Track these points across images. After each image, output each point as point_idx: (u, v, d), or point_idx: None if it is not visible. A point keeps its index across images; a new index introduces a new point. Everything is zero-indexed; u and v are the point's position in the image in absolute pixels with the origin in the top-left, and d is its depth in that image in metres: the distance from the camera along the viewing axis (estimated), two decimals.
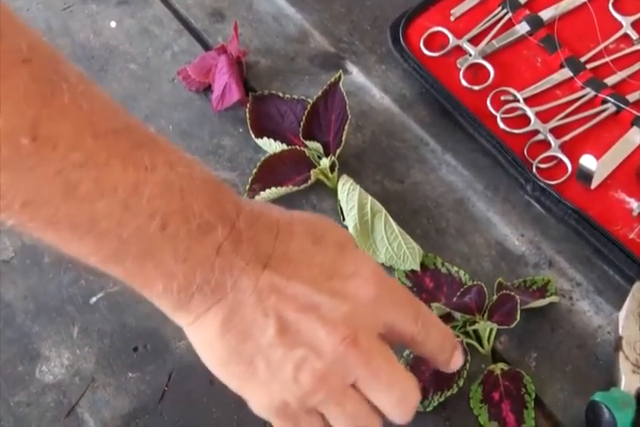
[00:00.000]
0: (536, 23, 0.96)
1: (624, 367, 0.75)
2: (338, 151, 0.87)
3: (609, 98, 0.90)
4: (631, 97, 0.90)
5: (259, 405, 0.61)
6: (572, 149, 0.88)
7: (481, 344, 0.79)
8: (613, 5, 0.97)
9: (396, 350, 0.72)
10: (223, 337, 0.58)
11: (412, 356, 0.77)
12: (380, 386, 0.60)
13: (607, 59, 0.93)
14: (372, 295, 0.60)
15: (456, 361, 0.67)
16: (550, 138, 0.88)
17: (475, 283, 0.81)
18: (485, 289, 0.79)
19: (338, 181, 0.87)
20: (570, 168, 0.87)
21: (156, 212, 0.53)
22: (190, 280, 0.55)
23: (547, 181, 0.86)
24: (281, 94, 0.93)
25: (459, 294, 0.81)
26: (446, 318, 0.80)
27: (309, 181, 0.86)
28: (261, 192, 0.85)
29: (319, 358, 0.58)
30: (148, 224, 0.53)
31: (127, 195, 0.51)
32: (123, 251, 0.53)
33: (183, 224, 0.54)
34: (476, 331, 0.79)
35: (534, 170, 0.87)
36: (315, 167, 0.87)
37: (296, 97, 0.93)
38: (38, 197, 0.49)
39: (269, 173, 0.87)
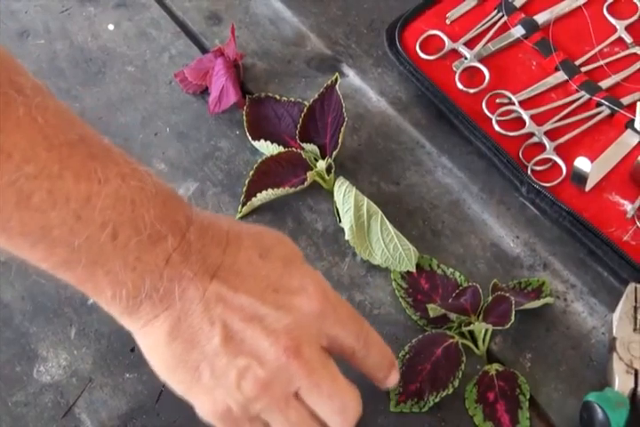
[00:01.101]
0: (531, 27, 0.96)
1: (618, 368, 0.75)
2: (334, 153, 0.88)
3: (603, 101, 0.91)
4: (625, 100, 0.91)
5: (203, 410, 0.63)
6: (567, 152, 0.89)
7: (476, 345, 0.79)
8: (608, 9, 0.97)
9: (392, 351, 0.72)
10: (170, 344, 0.60)
11: (407, 356, 0.78)
12: (322, 396, 0.62)
13: (602, 62, 0.94)
14: (316, 310, 0.63)
15: (392, 379, 0.70)
16: (545, 140, 0.89)
17: (470, 284, 0.81)
18: (480, 290, 0.80)
19: (334, 182, 0.87)
20: (564, 170, 0.88)
21: (107, 222, 0.54)
22: (139, 288, 0.57)
23: (541, 184, 0.86)
24: (277, 97, 0.93)
25: (454, 295, 0.82)
26: (442, 318, 0.80)
27: (306, 183, 0.87)
28: (258, 194, 0.86)
29: (262, 366, 0.60)
30: (99, 234, 0.54)
31: (79, 206, 0.53)
32: (73, 259, 0.55)
33: (134, 234, 0.55)
34: (471, 332, 0.79)
35: (529, 172, 0.87)
36: (311, 169, 0.87)
37: (293, 99, 0.93)
38: None
39: (266, 175, 0.88)
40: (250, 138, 0.91)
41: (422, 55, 0.95)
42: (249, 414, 0.62)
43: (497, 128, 0.90)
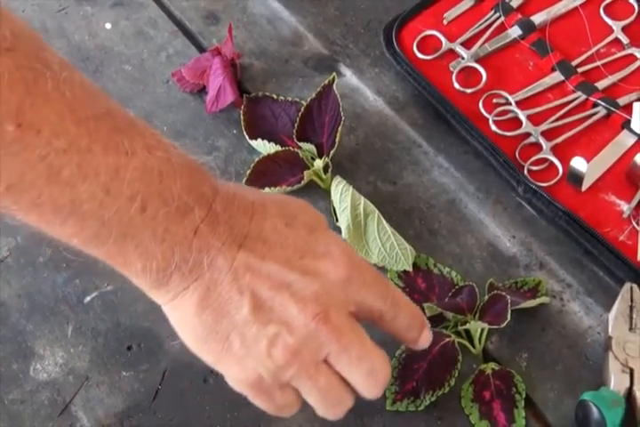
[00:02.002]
0: (528, 27, 0.96)
1: (613, 367, 0.76)
2: (331, 153, 0.88)
3: (600, 101, 0.91)
4: (621, 100, 0.91)
5: (234, 379, 0.63)
6: (563, 152, 0.89)
7: (472, 344, 0.79)
8: (604, 10, 0.98)
9: (389, 351, 0.72)
10: (200, 315, 0.60)
11: (404, 355, 0.78)
12: (351, 360, 0.62)
13: (598, 63, 0.94)
14: (343, 275, 0.63)
15: (424, 339, 0.69)
16: (542, 140, 0.89)
17: (466, 283, 0.82)
18: (477, 289, 0.80)
19: (331, 182, 0.87)
20: (561, 170, 0.88)
21: (136, 195, 0.54)
22: (168, 260, 0.57)
23: (538, 183, 0.87)
24: (275, 96, 0.93)
25: (450, 294, 0.82)
26: (438, 318, 0.80)
27: (303, 182, 0.87)
28: None
29: (291, 333, 0.60)
30: (128, 207, 0.54)
31: (108, 179, 0.53)
32: (104, 232, 0.55)
33: (162, 206, 0.56)
34: (467, 331, 0.79)
35: (526, 172, 0.88)
36: (308, 168, 0.87)
37: (290, 99, 0.93)
38: (22, 180, 0.51)
39: (263, 173, 0.88)
40: (247, 137, 0.91)
41: (419, 55, 0.96)
42: (280, 382, 0.62)
43: (494, 128, 0.90)
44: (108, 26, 1.02)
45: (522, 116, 0.91)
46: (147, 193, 0.55)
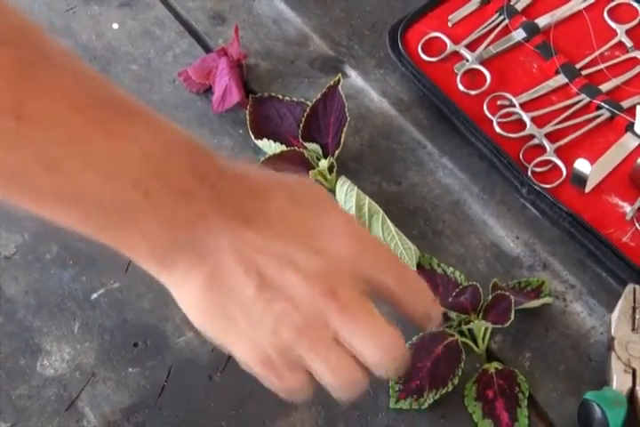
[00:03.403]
0: (532, 30, 0.97)
1: (616, 367, 0.76)
2: (336, 153, 0.88)
3: (603, 104, 0.91)
4: (625, 103, 0.92)
5: (242, 357, 0.62)
6: (567, 154, 0.89)
7: (476, 343, 0.80)
8: (608, 13, 0.98)
9: None
10: (206, 294, 0.59)
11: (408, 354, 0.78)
12: (362, 337, 0.61)
13: (602, 66, 0.95)
14: (351, 252, 0.62)
15: (435, 317, 0.67)
16: (545, 142, 0.90)
17: (470, 283, 0.82)
18: (480, 289, 0.80)
19: (336, 182, 0.88)
20: (564, 172, 0.88)
21: (139, 180, 0.54)
22: (173, 243, 0.57)
23: (542, 185, 0.87)
24: (280, 97, 0.94)
25: (454, 294, 0.82)
26: (442, 317, 0.81)
27: None
28: None
29: (298, 311, 0.59)
30: (131, 193, 0.54)
31: (110, 166, 0.53)
32: (108, 219, 0.55)
33: (165, 191, 0.55)
34: (470, 330, 0.80)
35: (529, 174, 0.88)
36: (313, 168, 0.88)
37: (295, 99, 0.94)
38: (24, 172, 0.51)
39: None
40: (253, 137, 0.92)
41: (424, 57, 0.96)
42: (289, 361, 0.61)
43: (498, 130, 0.91)
44: (115, 26, 1.03)
45: (526, 118, 0.91)
46: (150, 178, 0.54)
